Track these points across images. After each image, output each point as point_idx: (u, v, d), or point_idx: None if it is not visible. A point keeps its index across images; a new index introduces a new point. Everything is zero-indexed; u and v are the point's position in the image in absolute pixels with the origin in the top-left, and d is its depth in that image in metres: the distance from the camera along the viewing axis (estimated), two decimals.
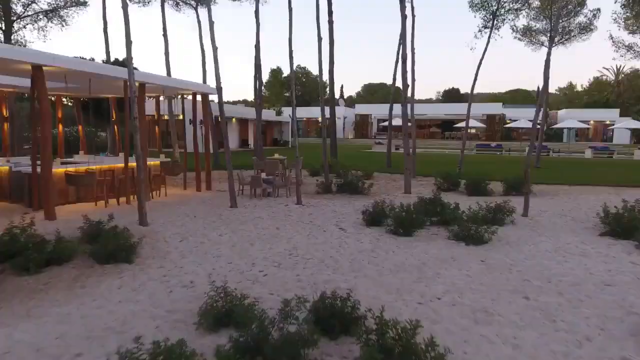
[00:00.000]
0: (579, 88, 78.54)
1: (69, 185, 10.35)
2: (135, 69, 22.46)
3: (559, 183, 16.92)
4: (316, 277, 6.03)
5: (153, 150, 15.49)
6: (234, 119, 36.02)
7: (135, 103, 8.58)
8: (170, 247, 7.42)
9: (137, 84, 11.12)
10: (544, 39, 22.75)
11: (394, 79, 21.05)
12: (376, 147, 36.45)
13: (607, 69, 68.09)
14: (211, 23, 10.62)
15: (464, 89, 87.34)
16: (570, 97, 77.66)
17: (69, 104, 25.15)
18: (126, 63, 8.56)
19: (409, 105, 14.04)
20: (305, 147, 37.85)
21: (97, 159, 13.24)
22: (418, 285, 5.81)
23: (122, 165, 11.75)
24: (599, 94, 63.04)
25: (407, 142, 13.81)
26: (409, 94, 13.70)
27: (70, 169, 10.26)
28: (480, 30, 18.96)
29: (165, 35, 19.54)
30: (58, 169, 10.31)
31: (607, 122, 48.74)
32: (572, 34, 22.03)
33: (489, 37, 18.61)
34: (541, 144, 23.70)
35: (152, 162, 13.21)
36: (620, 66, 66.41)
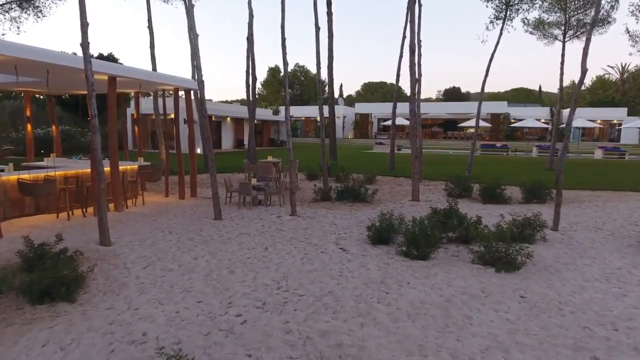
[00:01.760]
0: (581, 87, 76.99)
1: (24, 195, 8.86)
2: (120, 63, 20.92)
3: (579, 188, 15.45)
4: (311, 326, 4.56)
5: (135, 152, 13.95)
6: (228, 118, 34.53)
7: (93, 98, 7.10)
8: (129, 277, 5.94)
9: (106, 77, 9.67)
10: (557, 32, 21.31)
11: (398, 75, 19.63)
12: (377, 148, 34.96)
13: (611, 67, 66.70)
14: (190, 5, 9.14)
15: (465, 87, 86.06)
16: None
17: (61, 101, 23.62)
18: (82, 50, 7.08)
19: (415, 103, 12.54)
20: (304, 147, 36.40)
21: (68, 163, 11.77)
22: (447, 339, 4.34)
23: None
24: (604, 92, 61.58)
25: (415, 143, 12.33)
26: (411, 91, 12.20)
27: (25, 175, 8.77)
28: (492, 22, 17.52)
29: (150, 27, 18.07)
30: (10, 176, 8.82)
31: (615, 121, 47.36)
32: (589, 27, 20.56)
33: (502, 29, 17.17)
34: (556, 145, 22.22)
35: (128, 166, 11.73)
36: (625, 64, 65.11)
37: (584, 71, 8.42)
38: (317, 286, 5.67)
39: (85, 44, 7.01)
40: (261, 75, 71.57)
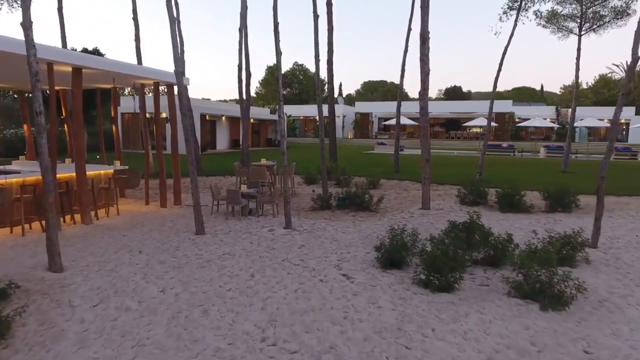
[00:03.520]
0: (584, 86, 75.91)
1: None
2: (103, 55, 19.48)
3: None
4: None
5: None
6: (223, 118, 33.17)
7: (38, 91, 5.74)
8: (71, 321, 4.58)
9: (69, 68, 8.32)
10: (572, 25, 19.95)
11: (403, 70, 18.26)
12: (378, 148, 33.62)
13: (616, 65, 65.44)
14: None
15: (465, 86, 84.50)
16: (576, 95, 75.01)
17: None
18: (23, 32, 5.70)
19: (426, 100, 11.17)
20: (302, 148, 35.03)
21: (37, 167, 10.40)
22: None
23: (63, 176, 8.94)
24: (610, 92, 60.25)
25: (426, 144, 10.98)
26: (422, 85, 10.79)
27: None
28: (505, 12, 16.18)
29: (135, 18, 16.72)
30: None
31: (622, 121, 46.07)
32: (606, 20, 19.25)
33: (516, 20, 15.83)
34: (569, 146, 20.87)
35: (102, 170, 10.39)
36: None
37: (635, 59, 7.08)
38: (314, 336, 4.31)
39: (27, 24, 5.65)
40: (260, 74, 70.28)
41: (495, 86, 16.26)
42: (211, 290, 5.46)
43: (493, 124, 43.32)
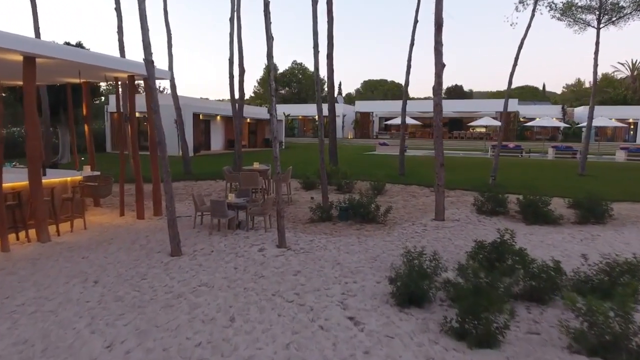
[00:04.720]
0: (586, 85, 74.76)
1: None
2: (86, 48, 18.14)
3: (629, 200, 12.75)
4: None
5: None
6: (218, 117, 31.80)
7: None
8: None
9: (20, 57, 6.96)
10: (590, 17, 18.59)
11: (409, 66, 16.90)
12: (380, 149, 32.27)
13: (622, 64, 64.26)
14: None
15: (467, 86, 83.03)
16: (579, 95, 73.93)
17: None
18: None
19: (439, 95, 9.82)
20: (301, 148, 33.66)
21: None
22: None
23: (16, 184, 7.60)
24: (615, 91, 58.97)
25: (440, 146, 9.63)
26: (436, 80, 9.42)
27: None
28: (521, 2, 14.83)
29: (118, 9, 15.33)
30: None
31: (630, 120, 44.80)
32: (626, 11, 17.90)
33: (534, 10, 14.51)
34: (587, 147, 19.48)
35: (69, 177, 9.03)
36: (635, 61, 62.59)
37: None
38: None
39: None
40: (259, 73, 69.10)
41: (510, 82, 14.97)
42: (174, 344, 4.09)
43: (497, 122, 42.06)
